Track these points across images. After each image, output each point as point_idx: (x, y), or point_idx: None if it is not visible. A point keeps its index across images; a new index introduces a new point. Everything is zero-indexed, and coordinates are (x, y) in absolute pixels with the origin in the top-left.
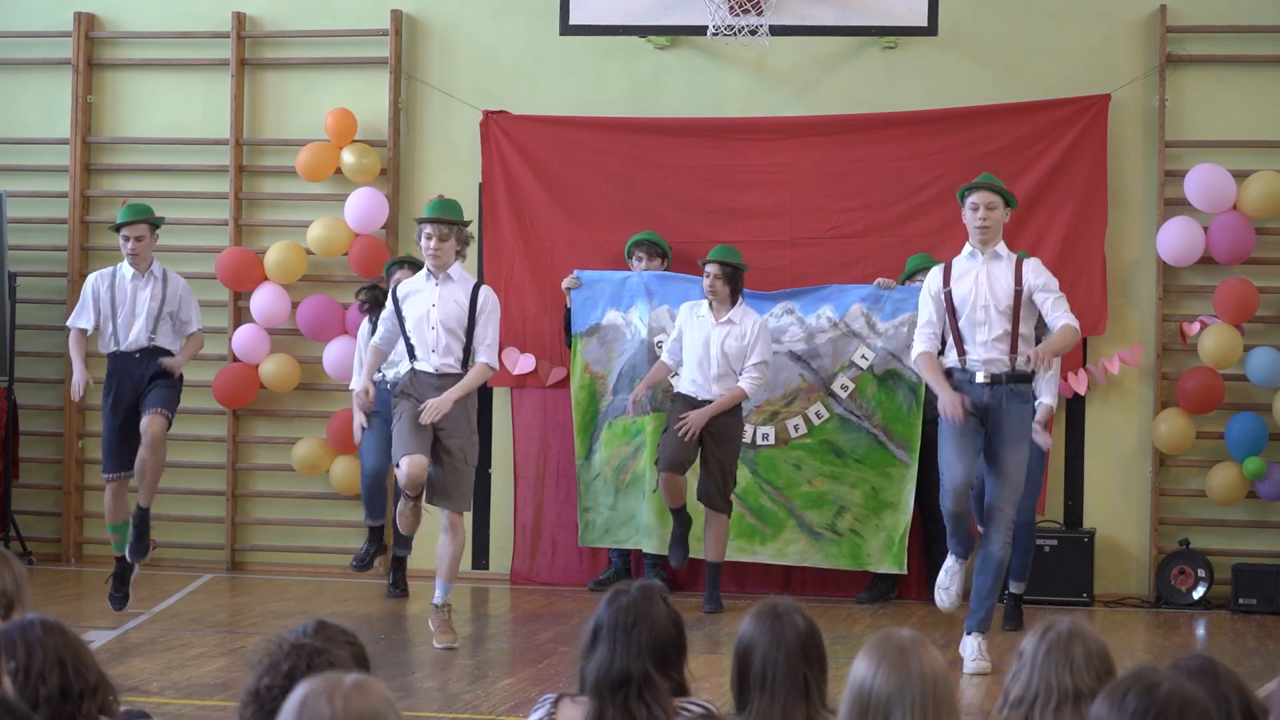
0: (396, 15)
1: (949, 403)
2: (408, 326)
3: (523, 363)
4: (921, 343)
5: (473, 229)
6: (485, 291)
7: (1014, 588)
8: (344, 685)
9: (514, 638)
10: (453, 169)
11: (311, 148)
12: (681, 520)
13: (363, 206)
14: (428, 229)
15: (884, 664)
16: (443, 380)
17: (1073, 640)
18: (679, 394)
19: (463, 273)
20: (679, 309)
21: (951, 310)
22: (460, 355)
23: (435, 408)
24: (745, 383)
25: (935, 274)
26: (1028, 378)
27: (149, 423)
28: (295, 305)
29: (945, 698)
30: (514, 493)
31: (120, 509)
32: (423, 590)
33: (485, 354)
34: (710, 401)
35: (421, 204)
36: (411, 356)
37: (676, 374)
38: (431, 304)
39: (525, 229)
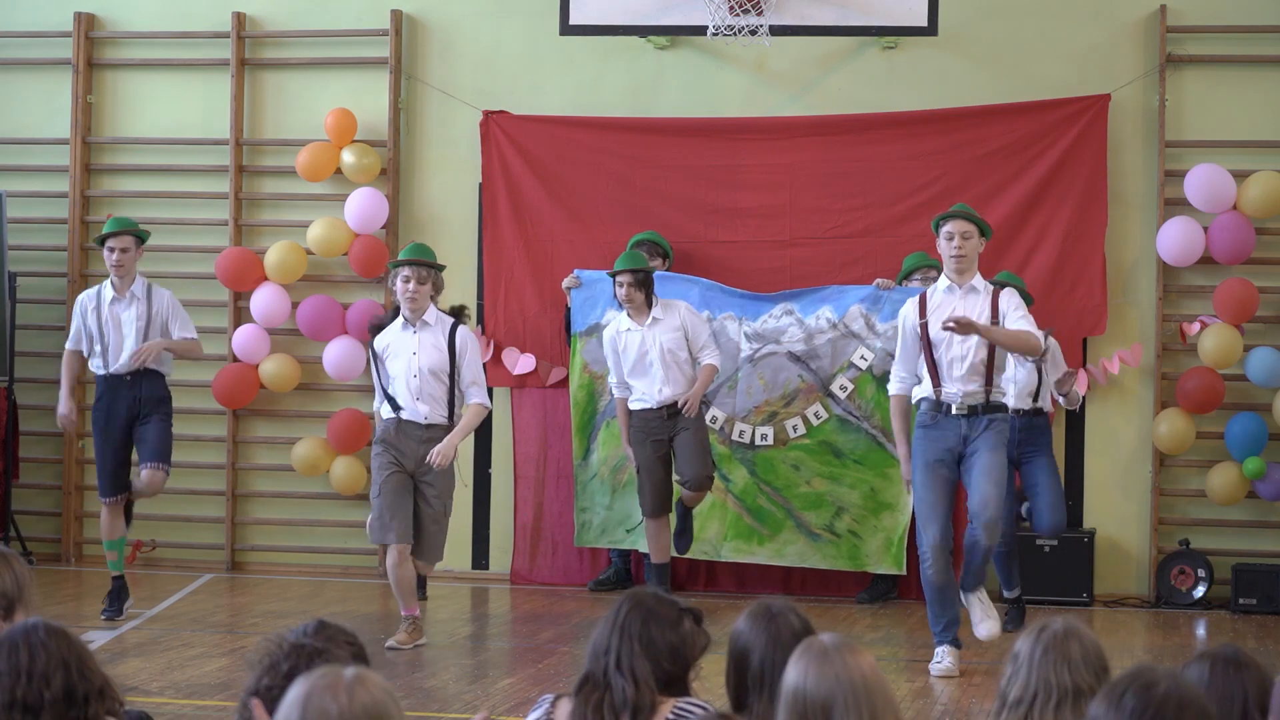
0: (396, 15)
1: (906, 471)
2: (391, 378)
3: (523, 363)
4: (895, 383)
5: (445, 275)
6: (463, 331)
7: (1008, 594)
8: (345, 679)
9: (514, 638)
10: (453, 169)
11: (311, 148)
12: (665, 584)
13: (363, 206)
14: (405, 271)
15: (811, 668)
16: (430, 431)
17: (1069, 638)
18: (636, 413)
19: (439, 315)
20: (603, 338)
21: (928, 344)
22: (445, 401)
23: (444, 454)
24: (709, 358)
25: (911, 306)
26: (1003, 407)
27: (149, 478)
28: (295, 305)
29: (879, 695)
30: (514, 493)
31: (117, 525)
32: (437, 591)
33: (478, 395)
34: (665, 406)
35: (422, 204)
36: (395, 408)
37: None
38: (413, 352)
39: (525, 229)
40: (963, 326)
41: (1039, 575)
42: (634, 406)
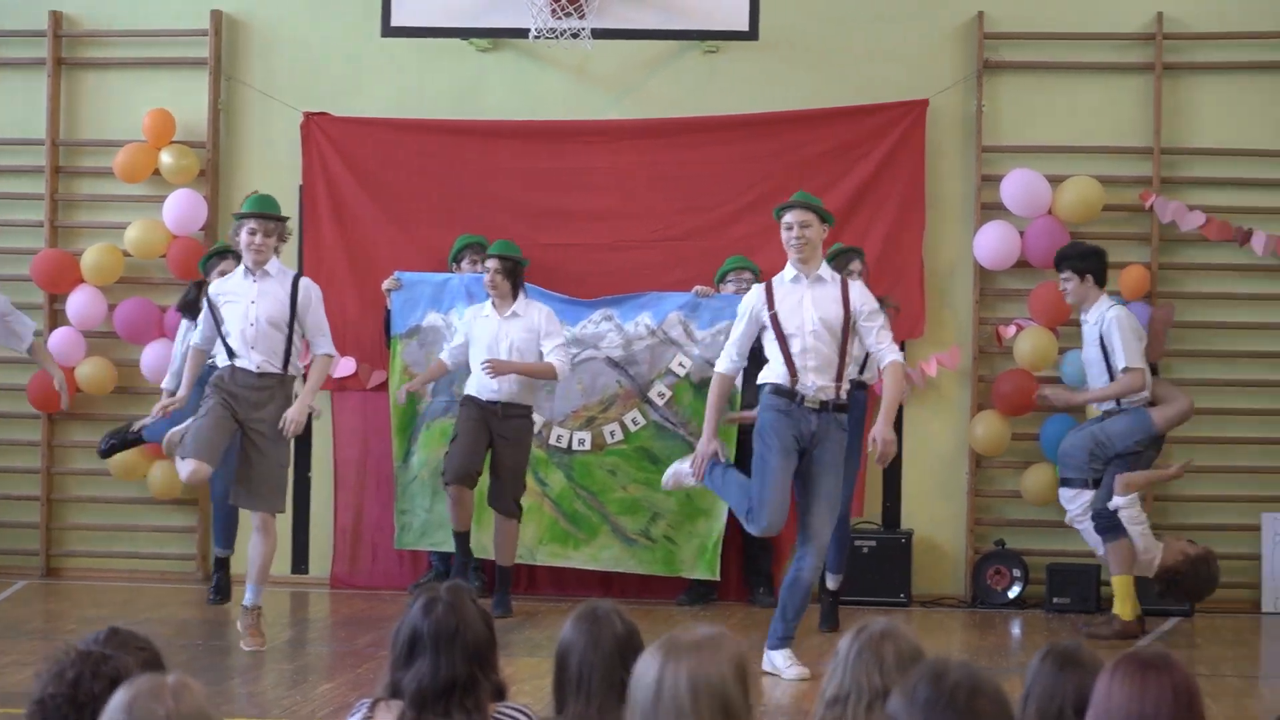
0: (216, 15)
1: (702, 455)
2: (226, 325)
3: (343, 365)
4: (724, 361)
5: (291, 224)
6: (305, 282)
7: (831, 583)
8: (169, 684)
9: (333, 642)
10: (273, 171)
11: (129, 149)
12: (464, 550)
13: (181, 208)
14: (250, 224)
15: (669, 661)
16: (263, 380)
17: (884, 640)
18: (467, 396)
19: (280, 267)
20: (463, 314)
21: (780, 335)
22: (281, 352)
23: (297, 421)
24: (554, 359)
25: (757, 293)
26: (846, 406)
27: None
28: (112, 308)
29: (731, 693)
30: (334, 496)
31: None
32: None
33: (324, 344)
34: (498, 403)
35: (241, 205)
36: (230, 355)
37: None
38: (251, 300)
39: (346, 231)
40: (886, 454)
41: (857, 576)
42: (469, 391)
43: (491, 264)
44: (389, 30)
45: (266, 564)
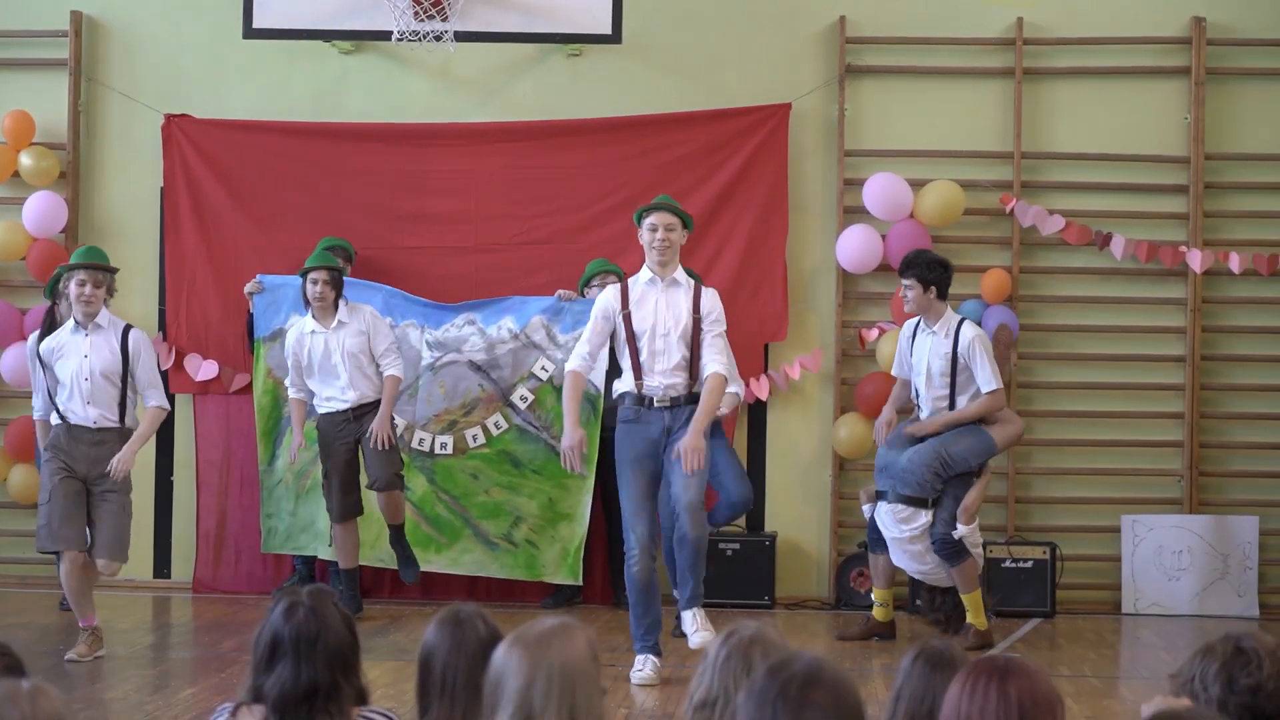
0: (76, 16)
1: (568, 446)
2: (60, 382)
3: (205, 369)
4: (575, 359)
5: (119, 276)
6: (135, 334)
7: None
8: (24, 689)
9: (196, 647)
10: (134, 173)
11: None
12: (354, 590)
13: (40, 210)
14: (81, 275)
15: (515, 651)
16: (101, 434)
17: (753, 646)
18: (324, 416)
19: (111, 318)
20: (286, 341)
21: (631, 335)
22: (117, 404)
23: (123, 464)
24: (392, 369)
25: (611, 294)
26: (698, 399)
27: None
28: None
29: (580, 682)
30: (196, 500)
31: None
32: (105, 601)
33: (155, 397)
34: (349, 409)
35: (102, 208)
36: (64, 414)
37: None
38: (84, 355)
39: (208, 233)
40: (690, 461)
41: (721, 578)
42: (321, 409)
43: (320, 275)
44: (251, 32)
45: (81, 594)
